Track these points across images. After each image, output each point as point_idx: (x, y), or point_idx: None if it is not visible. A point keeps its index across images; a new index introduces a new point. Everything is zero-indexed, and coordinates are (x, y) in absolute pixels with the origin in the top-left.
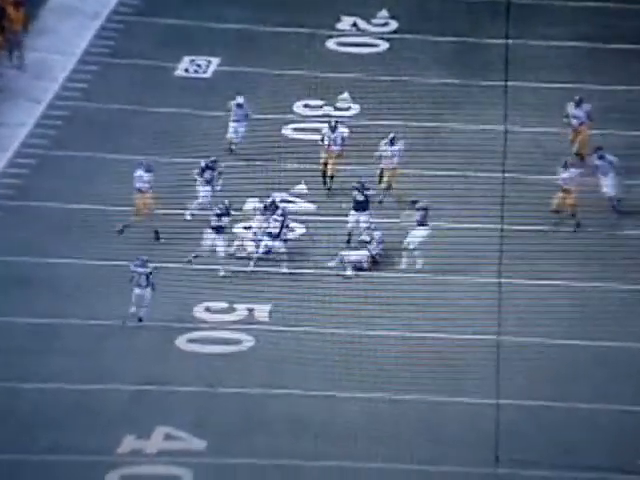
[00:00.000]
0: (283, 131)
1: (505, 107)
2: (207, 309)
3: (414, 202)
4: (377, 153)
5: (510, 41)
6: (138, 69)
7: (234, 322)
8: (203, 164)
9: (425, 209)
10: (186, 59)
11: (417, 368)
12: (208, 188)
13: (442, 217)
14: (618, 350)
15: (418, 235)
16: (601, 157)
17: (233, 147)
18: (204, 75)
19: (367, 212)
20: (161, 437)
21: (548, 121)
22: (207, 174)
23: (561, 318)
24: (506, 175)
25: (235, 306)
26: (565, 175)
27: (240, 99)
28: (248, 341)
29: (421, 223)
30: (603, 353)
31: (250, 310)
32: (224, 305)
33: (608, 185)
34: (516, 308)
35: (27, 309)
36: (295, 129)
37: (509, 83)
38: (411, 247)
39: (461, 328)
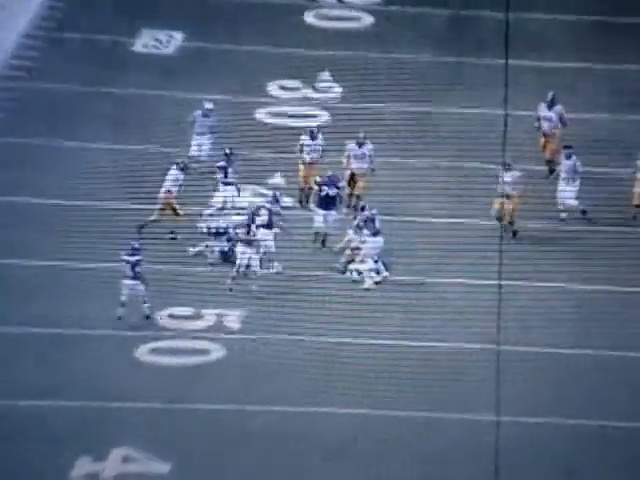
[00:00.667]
0: (256, 116)
1: (505, 89)
2: (171, 315)
3: (362, 208)
4: (346, 153)
5: (510, 15)
6: (90, 45)
7: (202, 330)
8: (222, 163)
9: (372, 219)
10: (145, 33)
11: (408, 380)
12: (232, 189)
13: (434, 213)
14: (623, 358)
15: (374, 247)
16: (569, 157)
17: (195, 165)
18: (166, 51)
19: (337, 210)
20: (119, 459)
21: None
22: (230, 174)
23: (562, 319)
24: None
25: (202, 312)
26: (507, 178)
27: (209, 105)
28: (217, 351)
29: (374, 233)
30: (608, 361)
31: (219, 316)
32: (190, 311)
33: (571, 194)
34: (517, 311)
35: None
36: (269, 113)
37: (509, 62)
38: (370, 261)
39: (457, 335)
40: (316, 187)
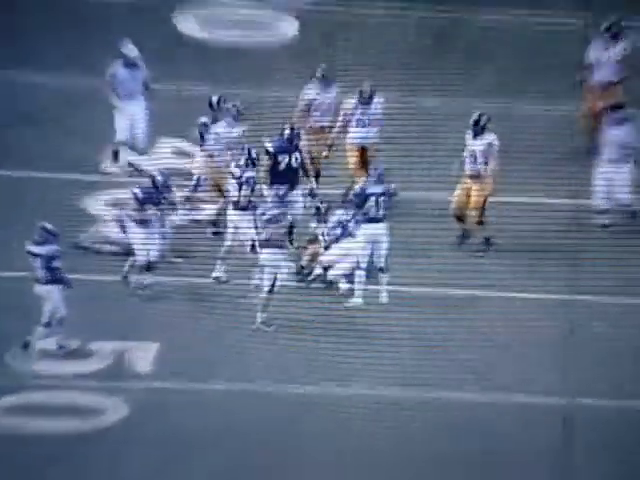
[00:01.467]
0: (177, 26)
1: None
2: (43, 352)
3: (350, 187)
4: (340, 117)
5: None
6: None
7: (91, 374)
8: (203, 119)
9: (364, 196)
10: None
11: (424, 450)
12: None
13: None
14: None
15: (371, 237)
16: (620, 122)
17: (133, 161)
18: None
19: (303, 186)
20: None
21: None
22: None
23: None
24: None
25: (93, 347)
26: (477, 143)
27: (131, 50)
28: (116, 409)
29: (372, 218)
30: None
31: (119, 352)
32: (72, 344)
33: (620, 181)
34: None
35: None
36: (199, 23)
37: None
38: (363, 265)
39: (495, 382)
40: (267, 157)
